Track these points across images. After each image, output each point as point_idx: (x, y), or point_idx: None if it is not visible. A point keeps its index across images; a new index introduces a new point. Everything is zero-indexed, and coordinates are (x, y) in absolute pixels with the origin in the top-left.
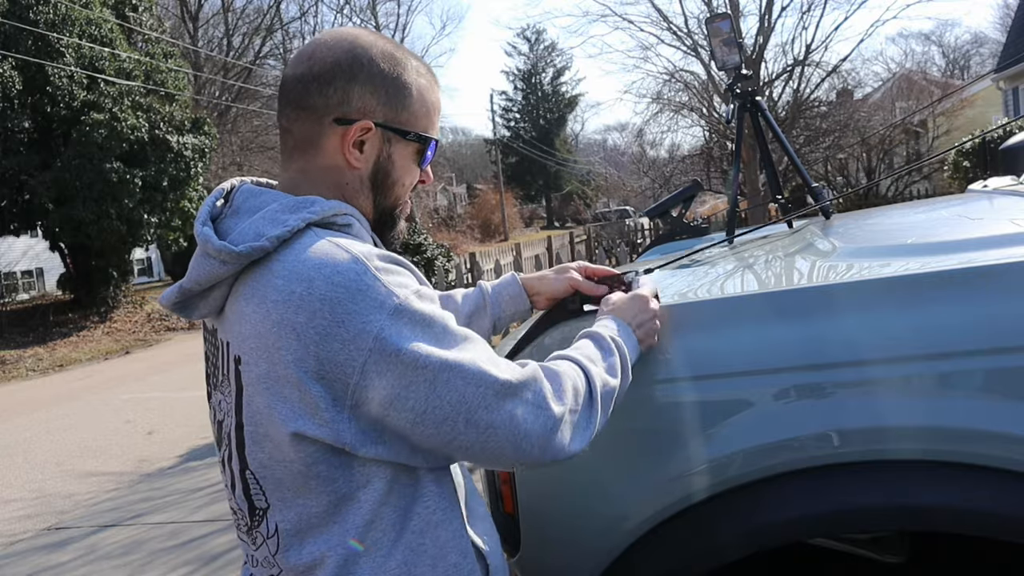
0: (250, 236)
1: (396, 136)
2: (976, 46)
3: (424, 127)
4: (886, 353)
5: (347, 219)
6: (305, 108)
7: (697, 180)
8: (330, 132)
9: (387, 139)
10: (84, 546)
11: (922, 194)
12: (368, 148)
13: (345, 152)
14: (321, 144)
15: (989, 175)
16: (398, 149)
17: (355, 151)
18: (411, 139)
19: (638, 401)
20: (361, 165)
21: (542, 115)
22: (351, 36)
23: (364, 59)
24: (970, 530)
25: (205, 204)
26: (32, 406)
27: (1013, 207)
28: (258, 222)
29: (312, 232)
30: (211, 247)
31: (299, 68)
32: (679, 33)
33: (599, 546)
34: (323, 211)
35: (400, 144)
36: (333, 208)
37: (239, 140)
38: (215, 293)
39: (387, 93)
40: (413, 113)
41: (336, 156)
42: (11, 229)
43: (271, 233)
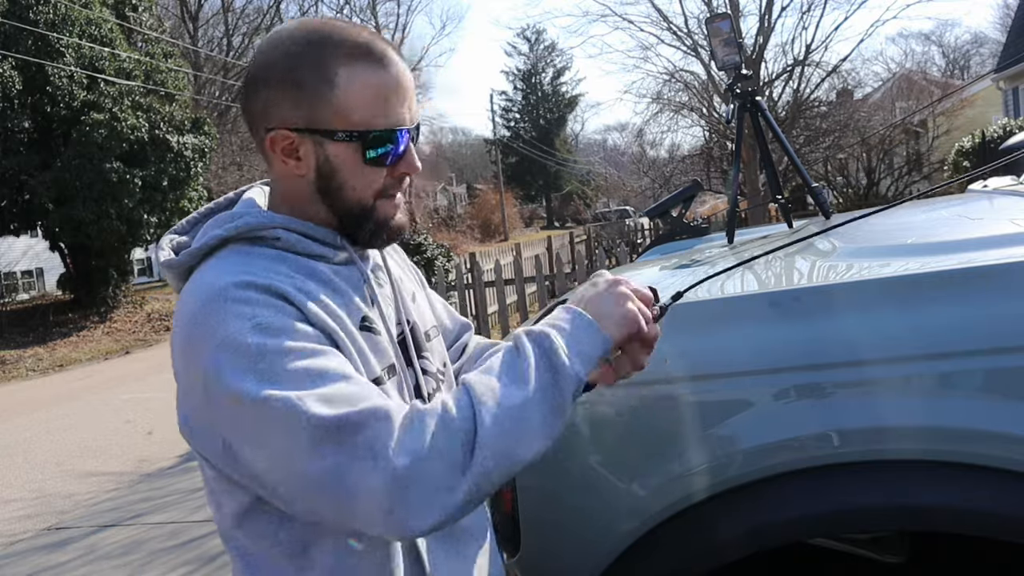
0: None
1: (322, 137)
2: (976, 46)
3: (361, 120)
4: (886, 353)
5: (274, 232)
6: (246, 120)
7: (697, 180)
8: (267, 142)
9: (317, 142)
10: (84, 546)
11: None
12: (303, 153)
13: (282, 162)
14: (267, 155)
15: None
16: (334, 149)
17: (291, 160)
18: (341, 139)
19: (638, 401)
20: (303, 172)
21: (542, 115)
22: (274, 34)
23: (273, 60)
24: (970, 530)
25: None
26: (32, 406)
27: (1013, 207)
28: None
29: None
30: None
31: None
32: (679, 33)
33: (599, 546)
34: (242, 227)
35: (335, 145)
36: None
37: (239, 140)
38: None
39: (300, 93)
40: (343, 108)
41: (280, 166)
42: (11, 229)
43: (193, 247)
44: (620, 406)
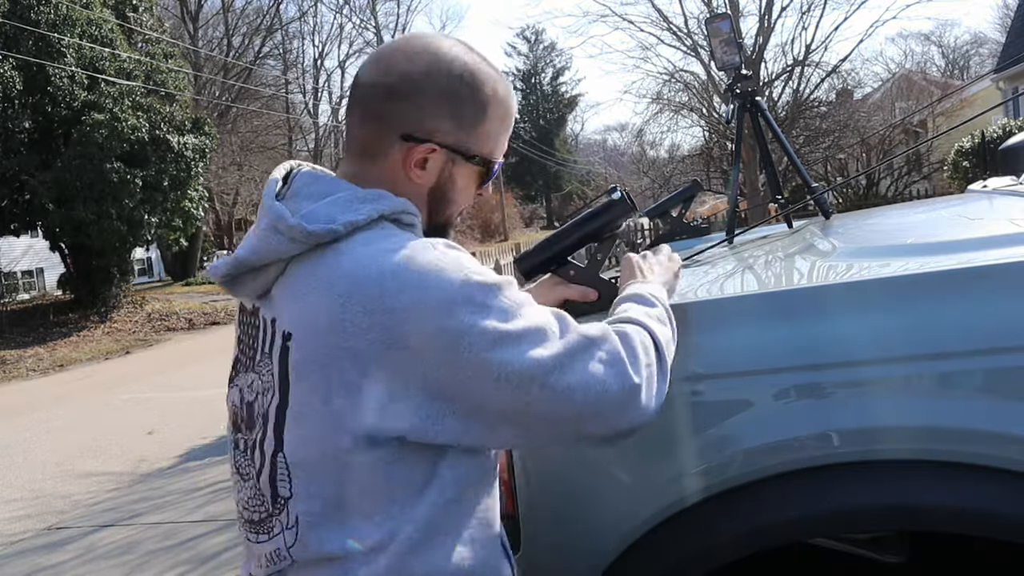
0: (322, 218)
1: (461, 158)
2: (976, 46)
3: (492, 151)
4: (885, 353)
5: (411, 219)
6: (373, 117)
7: (697, 180)
8: (395, 145)
9: (451, 159)
10: (82, 546)
11: (922, 194)
12: (431, 166)
13: (407, 169)
14: (384, 154)
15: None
16: (461, 170)
17: (417, 169)
18: (476, 163)
19: None
20: (422, 181)
21: (542, 115)
22: (433, 48)
23: (442, 78)
24: (970, 530)
25: (270, 182)
26: (32, 406)
27: (1013, 207)
28: (329, 207)
29: (384, 226)
30: (283, 223)
31: (374, 73)
32: (679, 33)
33: (599, 546)
34: (393, 206)
35: (464, 166)
36: (403, 206)
37: (239, 140)
38: (269, 271)
39: (460, 116)
40: (484, 136)
41: (397, 169)
42: (11, 229)
43: (344, 218)
44: None
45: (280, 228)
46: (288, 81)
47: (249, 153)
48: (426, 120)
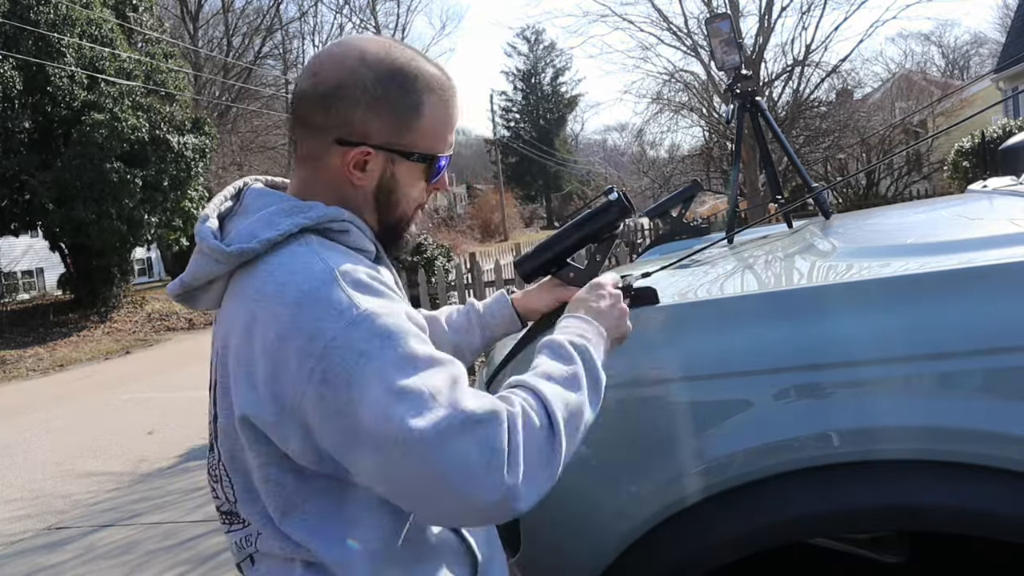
0: (244, 237)
1: (400, 157)
2: (976, 46)
3: (432, 146)
4: (885, 353)
5: (344, 225)
6: (308, 126)
7: (697, 180)
8: (332, 151)
9: (390, 159)
10: (82, 546)
11: (922, 194)
12: (371, 167)
13: (347, 172)
14: (324, 161)
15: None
16: (402, 168)
17: (356, 171)
18: (416, 160)
19: (638, 401)
20: (364, 183)
21: (542, 115)
22: (358, 51)
23: (367, 80)
24: (970, 530)
25: (212, 202)
26: (32, 406)
27: (1013, 207)
28: (254, 223)
29: (303, 238)
30: (205, 245)
31: (305, 83)
32: (679, 33)
33: (599, 546)
34: (318, 217)
35: (405, 164)
36: (329, 215)
37: (239, 140)
38: (214, 287)
39: (391, 115)
40: (421, 133)
41: (338, 173)
42: (11, 229)
43: (262, 236)
44: (620, 406)
45: (204, 250)
46: (288, 81)
47: (249, 153)
48: (356, 123)
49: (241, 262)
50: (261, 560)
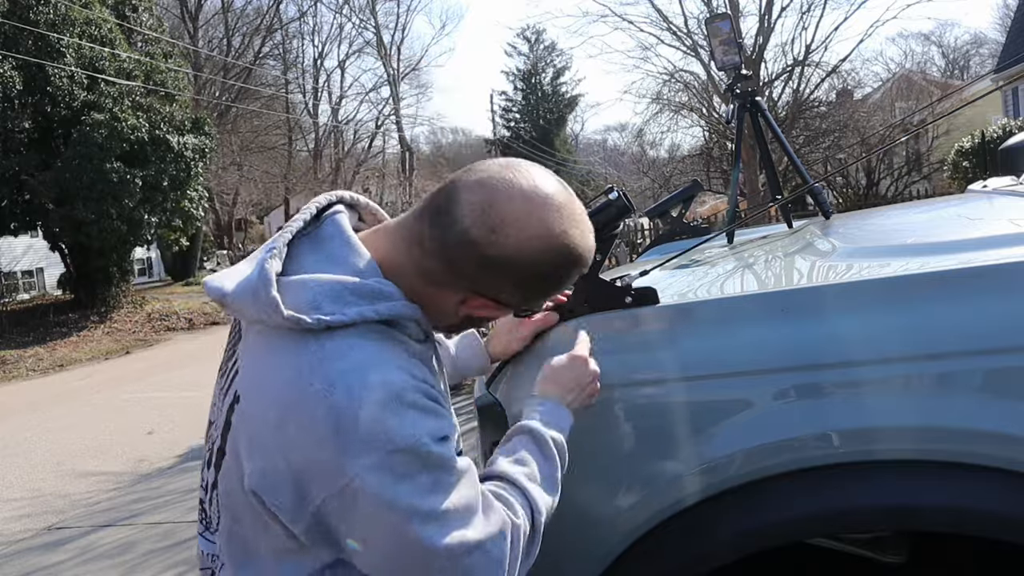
0: (303, 304)
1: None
2: (976, 46)
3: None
4: (884, 353)
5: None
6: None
7: (697, 180)
8: (457, 289)
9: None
10: (80, 546)
11: (922, 194)
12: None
13: (455, 306)
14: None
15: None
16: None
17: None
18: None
19: (638, 402)
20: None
21: (542, 115)
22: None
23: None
24: (970, 530)
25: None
26: (32, 406)
27: (1013, 207)
28: (321, 290)
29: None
30: (263, 295)
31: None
32: (679, 33)
33: (599, 547)
34: (387, 314)
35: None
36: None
37: (239, 140)
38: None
39: (532, 291)
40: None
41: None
42: (11, 229)
43: (323, 314)
44: (620, 407)
45: (260, 297)
46: (288, 81)
47: (249, 153)
48: (494, 287)
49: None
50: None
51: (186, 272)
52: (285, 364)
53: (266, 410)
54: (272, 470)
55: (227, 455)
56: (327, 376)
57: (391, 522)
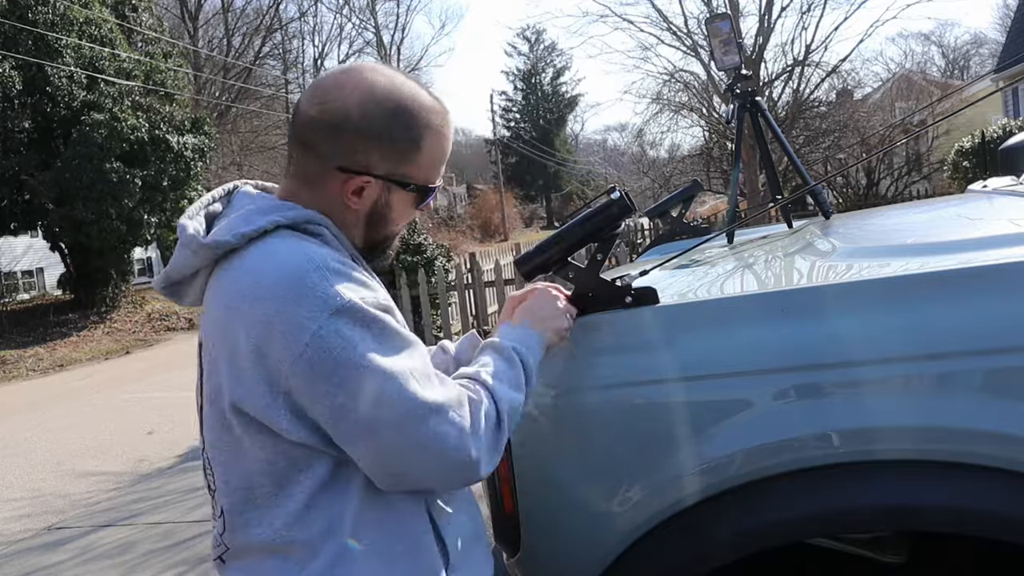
0: (222, 232)
1: (397, 186)
2: (976, 46)
3: (427, 178)
4: (884, 353)
5: (319, 228)
6: (310, 148)
7: (697, 180)
8: (331, 176)
9: (387, 188)
10: (80, 546)
11: (922, 194)
12: (367, 193)
13: (344, 196)
14: (322, 183)
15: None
16: (397, 196)
17: (353, 197)
18: (411, 190)
19: (638, 402)
20: (358, 207)
21: (542, 115)
22: (368, 84)
23: (375, 116)
24: (970, 530)
25: (200, 200)
26: (32, 406)
27: (1013, 207)
28: (234, 220)
29: (280, 233)
30: (184, 237)
31: (312, 109)
32: (679, 33)
33: (599, 547)
34: (295, 217)
35: (400, 192)
36: (307, 216)
37: (239, 140)
38: (196, 282)
39: (394, 149)
40: (418, 166)
41: (334, 195)
42: (11, 229)
43: (238, 230)
44: (619, 407)
45: (183, 242)
46: (288, 81)
47: (249, 153)
48: (359, 154)
49: (217, 255)
50: (231, 559)
51: None
52: (225, 286)
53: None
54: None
55: (206, 404)
56: (258, 270)
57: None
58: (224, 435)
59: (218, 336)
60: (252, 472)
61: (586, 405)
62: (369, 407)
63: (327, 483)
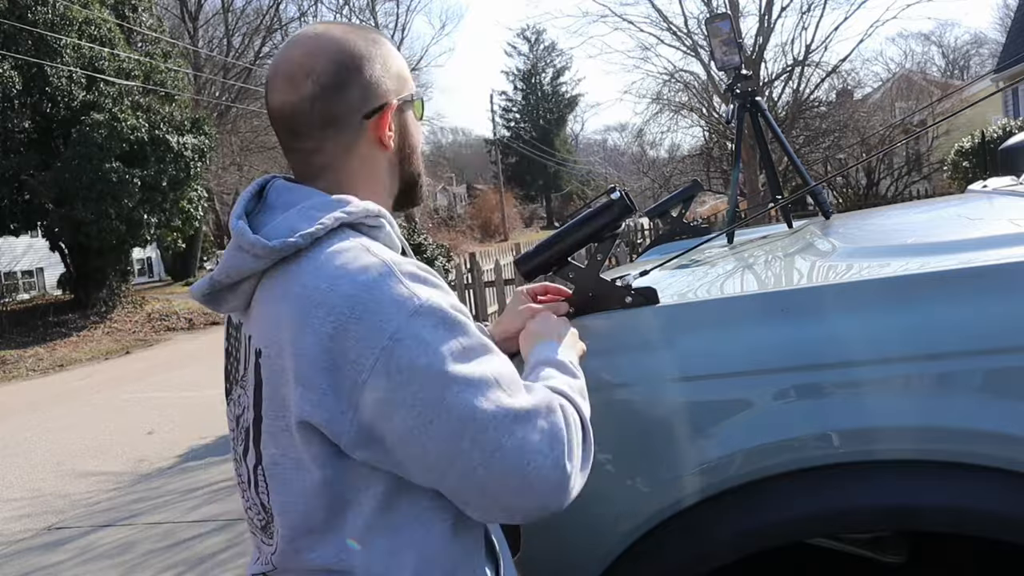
0: (283, 231)
1: (406, 103)
2: (976, 46)
3: (409, 85)
4: (885, 353)
5: (378, 221)
6: (332, 122)
7: (697, 180)
8: (363, 130)
9: (400, 110)
10: (80, 546)
11: (922, 194)
12: (393, 126)
13: (382, 138)
14: (356, 145)
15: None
16: (408, 114)
17: (389, 132)
18: (411, 100)
19: (638, 402)
20: (394, 144)
21: (542, 115)
22: (324, 36)
23: (354, 50)
24: (970, 530)
25: (240, 199)
26: (32, 406)
27: (1013, 207)
28: (292, 218)
29: (343, 232)
30: (245, 241)
31: (299, 90)
32: (679, 33)
33: (600, 547)
34: (355, 213)
35: (408, 110)
36: (365, 210)
37: (239, 140)
38: (244, 286)
39: (385, 69)
40: (402, 76)
41: (371, 148)
42: (11, 229)
43: (304, 229)
44: (620, 407)
45: (243, 246)
46: None
47: (249, 153)
48: (370, 91)
49: (281, 258)
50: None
51: (186, 272)
52: (290, 290)
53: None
54: (311, 384)
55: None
56: (329, 275)
57: (429, 394)
58: (290, 450)
59: (285, 343)
60: (309, 493)
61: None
62: (451, 418)
63: (386, 506)
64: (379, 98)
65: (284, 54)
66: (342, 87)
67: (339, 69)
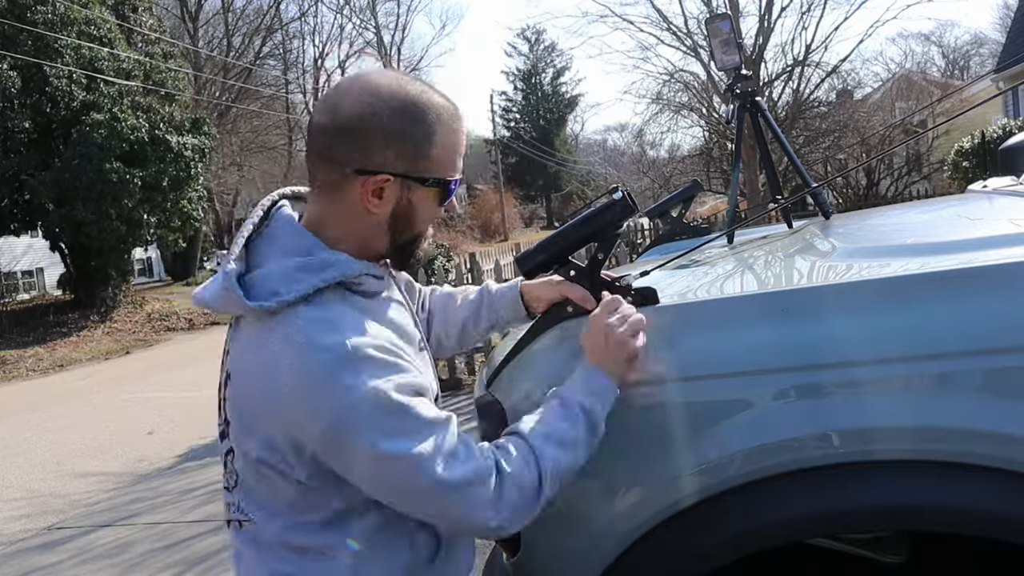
0: (265, 293)
1: (415, 183)
2: (976, 46)
3: (444, 172)
4: (884, 353)
5: (360, 280)
6: (327, 159)
7: (697, 180)
8: (351, 181)
9: (406, 187)
10: (78, 546)
11: (922, 194)
12: (387, 195)
13: (364, 201)
14: (342, 191)
15: (989, 175)
16: (417, 194)
17: (374, 199)
18: (431, 185)
19: (638, 403)
20: (379, 211)
21: (542, 115)
22: (373, 87)
23: (384, 114)
24: (970, 530)
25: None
26: (32, 406)
27: (1013, 207)
28: (276, 278)
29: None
30: (232, 293)
31: (324, 117)
32: (679, 33)
33: (599, 547)
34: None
35: (420, 190)
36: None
37: (239, 140)
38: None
39: (407, 146)
40: (434, 160)
41: (356, 203)
42: (11, 229)
43: (282, 296)
44: (620, 407)
45: (231, 297)
46: (288, 81)
47: (249, 153)
48: (375, 154)
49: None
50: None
51: (186, 272)
52: (259, 344)
53: (251, 384)
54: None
55: (231, 424)
56: (294, 349)
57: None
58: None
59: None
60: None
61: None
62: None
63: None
64: (375, 164)
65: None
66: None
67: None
